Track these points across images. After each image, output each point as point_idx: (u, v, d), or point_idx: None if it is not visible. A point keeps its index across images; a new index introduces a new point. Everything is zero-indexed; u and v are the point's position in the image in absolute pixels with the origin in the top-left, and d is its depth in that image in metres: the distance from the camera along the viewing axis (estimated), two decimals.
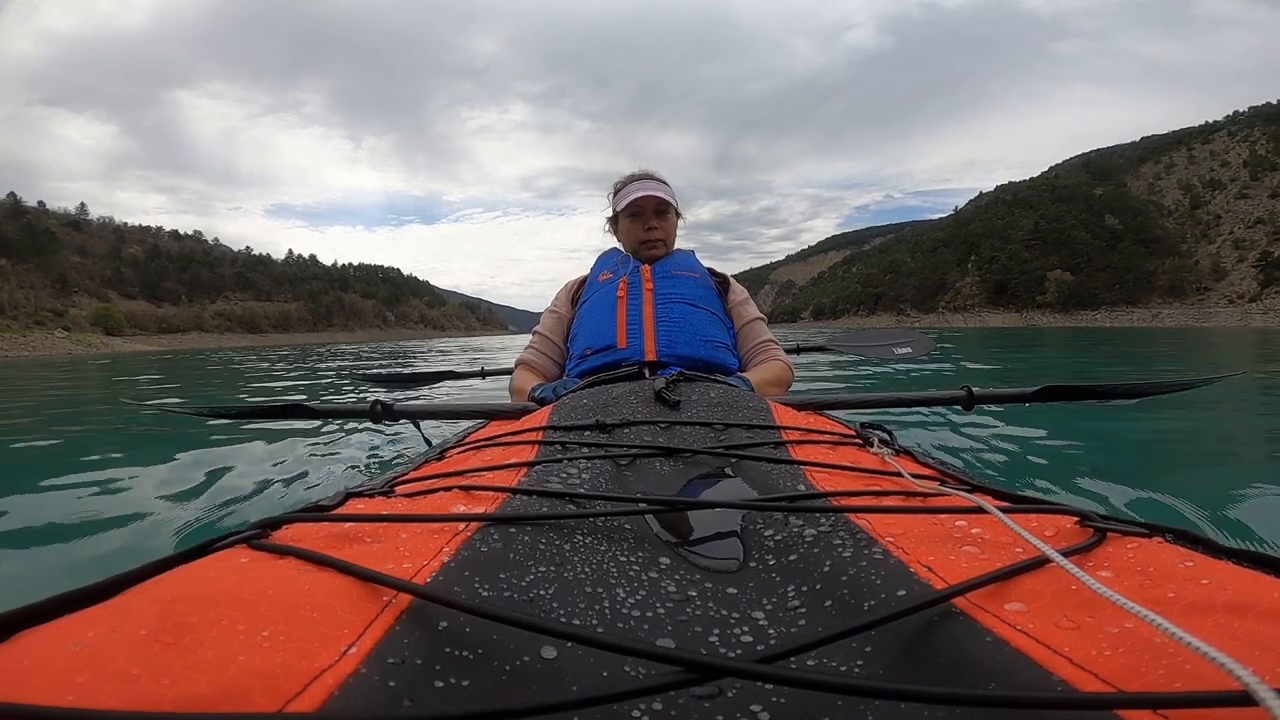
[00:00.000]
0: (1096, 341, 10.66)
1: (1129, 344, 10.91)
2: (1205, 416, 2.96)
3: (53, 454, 2.68)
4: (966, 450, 2.19)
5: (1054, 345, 11.81)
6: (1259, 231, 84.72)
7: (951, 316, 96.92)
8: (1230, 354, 8.80)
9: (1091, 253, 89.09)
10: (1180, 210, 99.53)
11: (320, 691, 0.24)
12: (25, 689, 0.22)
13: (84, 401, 5.19)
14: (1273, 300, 68.73)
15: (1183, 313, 75.76)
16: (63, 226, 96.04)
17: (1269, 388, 4.24)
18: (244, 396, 5.34)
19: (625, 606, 0.35)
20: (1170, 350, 9.86)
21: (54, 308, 70.60)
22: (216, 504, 1.72)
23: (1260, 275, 74.03)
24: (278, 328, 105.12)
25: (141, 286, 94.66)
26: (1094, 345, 9.70)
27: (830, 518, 0.44)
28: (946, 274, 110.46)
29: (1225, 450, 2.42)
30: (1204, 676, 0.23)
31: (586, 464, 0.58)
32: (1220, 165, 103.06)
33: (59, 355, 43.55)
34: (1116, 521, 0.38)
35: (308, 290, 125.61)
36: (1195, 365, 6.74)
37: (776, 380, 1.37)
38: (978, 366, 6.54)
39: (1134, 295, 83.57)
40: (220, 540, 0.39)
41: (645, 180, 1.51)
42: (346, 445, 2.48)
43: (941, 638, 0.30)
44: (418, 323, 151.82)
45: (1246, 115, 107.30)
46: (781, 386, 1.38)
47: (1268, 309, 66.70)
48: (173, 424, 2.95)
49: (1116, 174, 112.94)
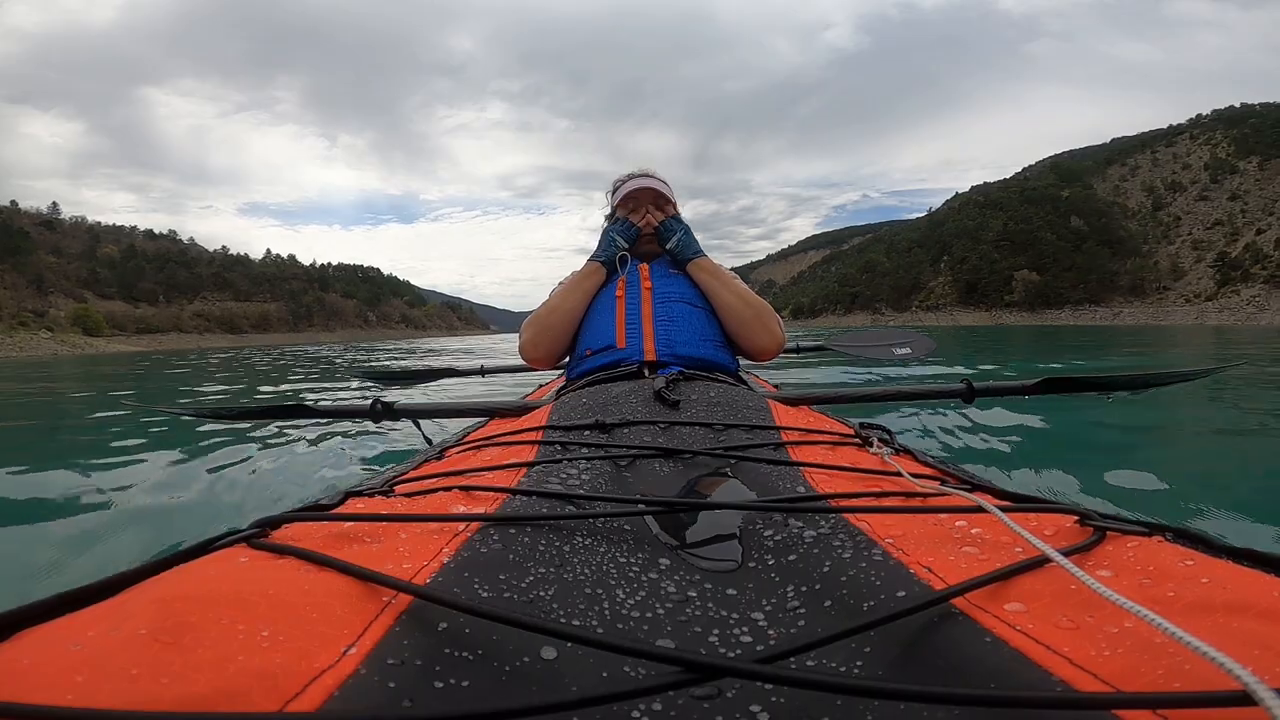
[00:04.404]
0: (1060, 346, 10.98)
1: (1096, 346, 11.00)
2: (1205, 412, 3.07)
3: (52, 454, 2.74)
4: (966, 449, 2.23)
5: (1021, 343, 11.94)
6: (1217, 233, 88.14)
7: (925, 316, 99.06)
8: (1198, 351, 9.05)
9: (1057, 253, 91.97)
10: (1143, 212, 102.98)
11: (320, 692, 0.24)
12: (25, 689, 0.22)
13: (84, 401, 5.21)
14: (1228, 299, 71.52)
15: (1142, 311, 78.62)
16: (36, 226, 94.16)
17: (1269, 378, 4.44)
18: (243, 399, 5.32)
19: (625, 607, 0.35)
20: (1134, 347, 10.08)
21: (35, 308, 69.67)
22: (216, 504, 1.76)
23: (1217, 275, 77.07)
24: (257, 328, 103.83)
25: (118, 287, 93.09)
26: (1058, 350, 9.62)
27: (830, 519, 0.44)
28: (920, 274, 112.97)
29: (1225, 445, 2.44)
30: (1204, 676, 0.23)
31: (586, 464, 0.58)
32: (1182, 168, 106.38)
33: (45, 355, 43.59)
34: (1116, 520, 0.39)
35: (287, 290, 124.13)
36: (1168, 363, 6.73)
37: (754, 309, 1.33)
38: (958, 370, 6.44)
39: (1097, 295, 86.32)
40: (220, 540, 0.39)
41: (643, 177, 1.53)
42: (346, 445, 2.49)
43: (941, 638, 0.30)
44: (399, 323, 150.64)
45: (1209, 118, 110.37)
46: (761, 322, 1.32)
47: (1222, 308, 69.39)
48: (173, 424, 2.94)
49: (1084, 176, 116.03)
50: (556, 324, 1.37)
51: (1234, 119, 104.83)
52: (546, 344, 1.38)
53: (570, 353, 1.39)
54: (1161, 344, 11.69)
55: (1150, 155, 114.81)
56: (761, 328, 1.33)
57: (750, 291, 1.37)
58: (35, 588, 1.12)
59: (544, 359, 1.41)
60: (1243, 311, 65.34)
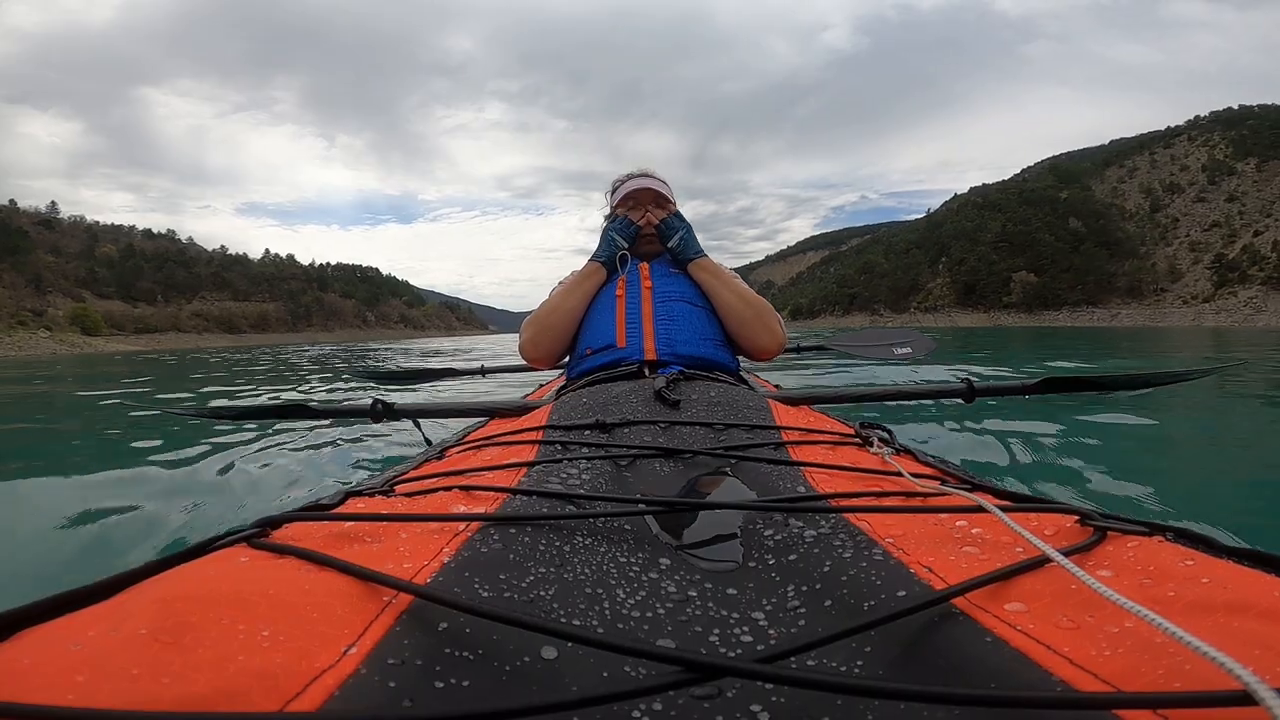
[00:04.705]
0: (1058, 347, 10.70)
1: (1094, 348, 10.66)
2: (1205, 412, 3.02)
3: (52, 454, 2.72)
4: (966, 449, 2.24)
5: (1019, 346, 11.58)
6: (1214, 234, 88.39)
7: (923, 317, 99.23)
8: (1196, 353, 8.98)
9: (1055, 254, 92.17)
10: (1140, 213, 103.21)
11: (320, 692, 0.24)
12: (25, 689, 0.22)
13: (83, 401, 5.20)
14: (1225, 301, 71.72)
15: (1140, 313, 78.89)
16: (35, 225, 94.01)
17: (1268, 377, 4.43)
18: (243, 400, 5.28)
19: (625, 607, 0.35)
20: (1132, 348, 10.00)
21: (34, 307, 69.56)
22: (217, 504, 1.75)
23: (1214, 277, 77.28)
24: (256, 328, 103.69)
25: (116, 286, 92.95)
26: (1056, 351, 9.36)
27: (830, 519, 0.44)
28: (919, 275, 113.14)
29: (1225, 445, 2.45)
30: (1204, 676, 0.23)
31: (586, 464, 0.59)
32: (1180, 169, 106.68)
33: (44, 355, 43.41)
34: (1117, 520, 0.39)
35: (286, 290, 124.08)
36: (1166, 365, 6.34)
37: (755, 310, 1.33)
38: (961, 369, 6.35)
39: (1095, 296, 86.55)
40: (220, 539, 0.39)
41: (643, 177, 1.54)
42: (347, 445, 2.49)
43: (941, 638, 0.30)
44: (398, 323, 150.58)
45: (1207, 120, 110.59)
46: (762, 322, 1.33)
47: (1219, 309, 69.67)
48: (173, 424, 2.93)
49: (1082, 177, 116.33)
50: (556, 324, 1.37)
51: (1231, 120, 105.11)
52: (546, 344, 1.38)
53: (570, 352, 1.39)
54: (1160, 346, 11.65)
55: (1148, 157, 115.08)
56: (763, 327, 1.34)
57: (751, 291, 1.37)
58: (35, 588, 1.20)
59: (544, 359, 1.41)
60: (1240, 313, 65.57)
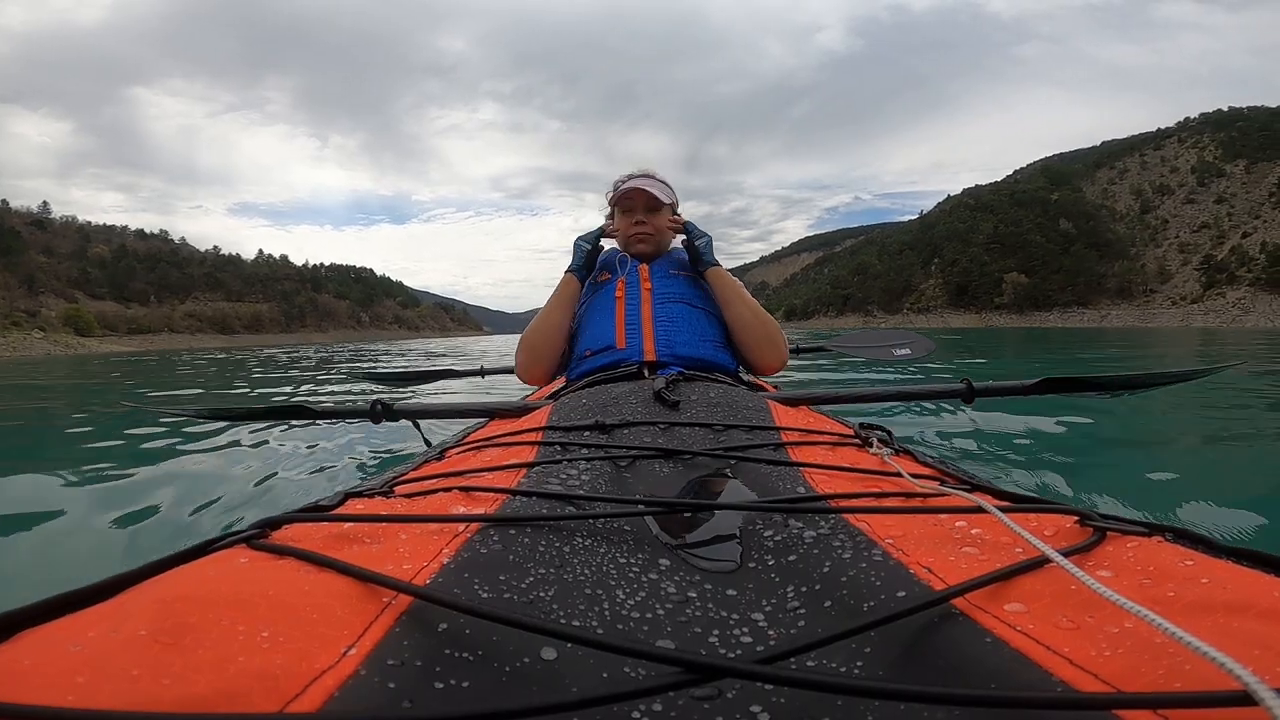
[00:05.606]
0: (1053, 348, 10.78)
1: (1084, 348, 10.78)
2: (1204, 412, 3.03)
3: (52, 454, 2.71)
4: (966, 449, 2.22)
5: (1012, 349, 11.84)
6: (1203, 236, 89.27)
7: (915, 318, 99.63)
8: (1186, 352, 9.09)
9: (1046, 256, 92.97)
10: (1130, 215, 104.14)
11: (320, 693, 0.24)
12: (25, 689, 0.22)
13: (82, 402, 5.14)
14: (1213, 302, 72.47)
15: (1129, 314, 79.71)
16: (27, 226, 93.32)
17: (1268, 377, 4.44)
18: (242, 400, 5.22)
19: (625, 608, 0.35)
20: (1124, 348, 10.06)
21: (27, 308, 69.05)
22: (216, 504, 1.75)
23: (1202, 278, 78.05)
24: (250, 328, 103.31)
25: (109, 287, 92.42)
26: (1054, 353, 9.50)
27: (830, 519, 0.44)
28: (911, 276, 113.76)
29: (1224, 445, 2.44)
30: (1204, 676, 0.23)
31: (586, 465, 0.59)
32: (1170, 171, 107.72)
33: (38, 355, 43.29)
34: (1116, 520, 0.39)
35: (279, 290, 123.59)
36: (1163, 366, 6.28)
37: (766, 329, 1.36)
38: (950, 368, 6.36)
39: (1085, 297, 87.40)
40: (220, 540, 0.38)
41: (642, 177, 1.53)
42: (346, 445, 2.48)
43: (941, 638, 0.30)
44: (392, 323, 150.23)
45: (1197, 121, 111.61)
46: (771, 341, 1.37)
47: (1208, 310, 70.41)
48: (173, 425, 2.92)
49: (1073, 179, 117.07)
50: (542, 343, 1.41)
51: (1221, 122, 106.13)
52: (539, 365, 1.42)
53: (568, 356, 1.41)
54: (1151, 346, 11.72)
55: (1139, 158, 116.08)
56: (770, 345, 1.37)
57: (761, 308, 1.40)
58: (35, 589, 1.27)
59: (542, 377, 1.45)
60: (1228, 314, 66.19)
